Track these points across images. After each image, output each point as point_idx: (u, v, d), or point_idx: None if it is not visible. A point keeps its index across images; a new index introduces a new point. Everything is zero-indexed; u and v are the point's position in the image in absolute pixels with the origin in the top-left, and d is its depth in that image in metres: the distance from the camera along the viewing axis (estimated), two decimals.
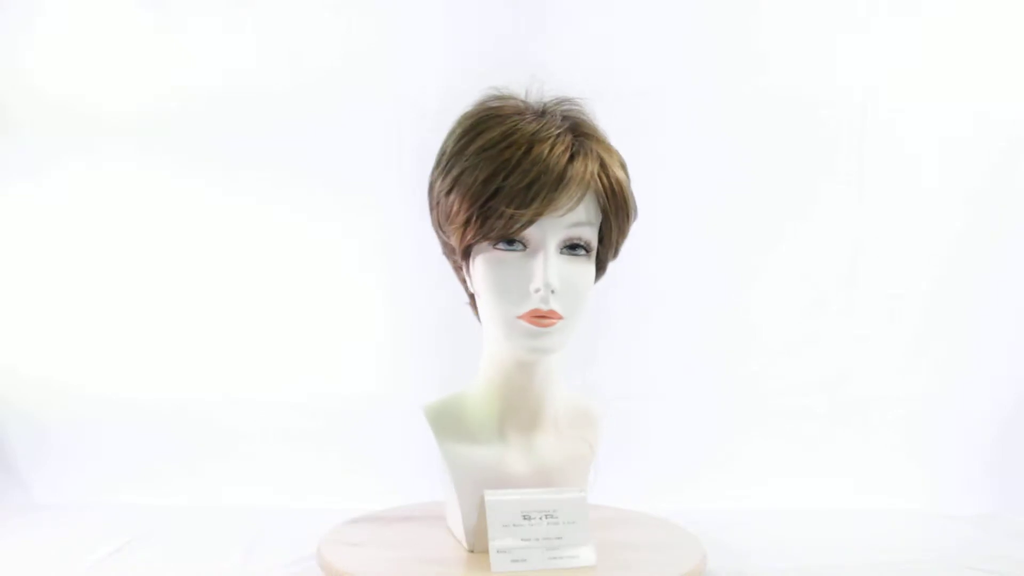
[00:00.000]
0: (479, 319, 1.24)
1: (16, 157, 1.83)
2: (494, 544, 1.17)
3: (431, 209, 1.23)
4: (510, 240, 1.14)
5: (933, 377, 1.78)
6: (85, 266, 1.84)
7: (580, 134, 1.18)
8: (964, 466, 1.75)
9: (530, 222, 1.13)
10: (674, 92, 1.78)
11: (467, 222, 1.14)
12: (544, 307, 1.14)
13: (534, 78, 1.21)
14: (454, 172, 1.16)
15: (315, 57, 1.81)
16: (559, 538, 1.19)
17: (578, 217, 1.16)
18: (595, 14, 1.78)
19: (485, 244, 1.16)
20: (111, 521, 1.61)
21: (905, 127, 1.77)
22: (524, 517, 1.19)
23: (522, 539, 1.18)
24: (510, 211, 1.11)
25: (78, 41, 1.81)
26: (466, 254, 1.19)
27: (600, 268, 1.24)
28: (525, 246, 1.15)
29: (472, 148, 1.15)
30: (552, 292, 1.14)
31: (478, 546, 1.22)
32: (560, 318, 1.15)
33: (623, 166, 1.21)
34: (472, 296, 1.25)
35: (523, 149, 1.12)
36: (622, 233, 1.23)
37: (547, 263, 1.14)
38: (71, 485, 1.77)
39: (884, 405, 1.79)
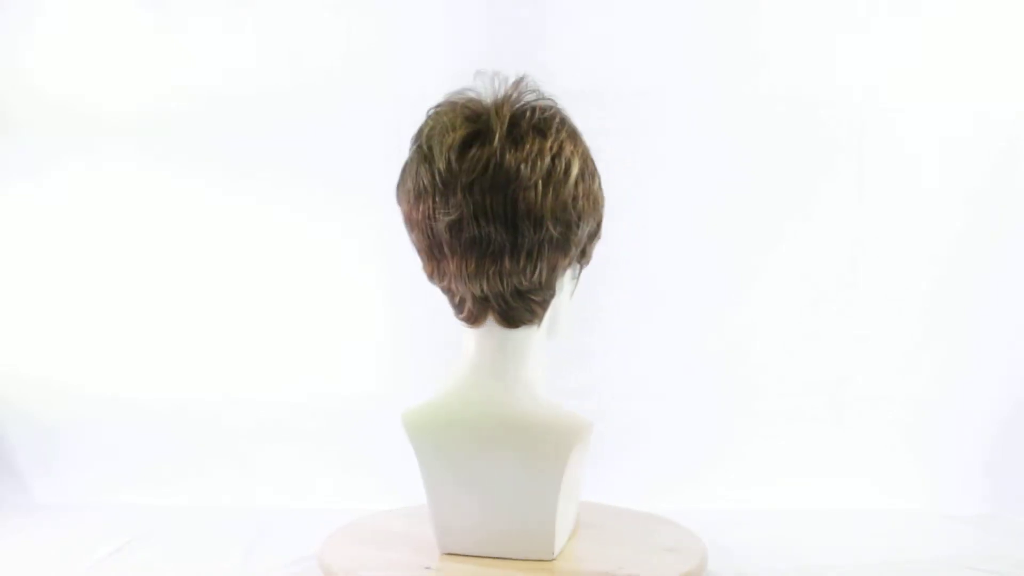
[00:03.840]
0: (539, 322, 1.19)
1: (16, 157, 1.83)
2: None
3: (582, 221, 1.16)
4: None
5: (933, 377, 1.78)
6: (85, 266, 1.84)
7: None
8: (964, 466, 1.75)
9: None
10: (674, 92, 1.78)
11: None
12: None
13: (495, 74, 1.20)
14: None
15: (315, 57, 1.80)
16: None
17: None
18: (595, 14, 1.77)
19: None
20: (111, 521, 1.61)
21: (905, 127, 1.77)
22: None
23: None
24: None
25: (78, 41, 1.81)
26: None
27: None
28: None
29: None
30: None
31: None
32: None
33: None
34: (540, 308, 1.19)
35: None
36: None
37: None
38: (71, 485, 1.77)
39: (884, 405, 1.78)
